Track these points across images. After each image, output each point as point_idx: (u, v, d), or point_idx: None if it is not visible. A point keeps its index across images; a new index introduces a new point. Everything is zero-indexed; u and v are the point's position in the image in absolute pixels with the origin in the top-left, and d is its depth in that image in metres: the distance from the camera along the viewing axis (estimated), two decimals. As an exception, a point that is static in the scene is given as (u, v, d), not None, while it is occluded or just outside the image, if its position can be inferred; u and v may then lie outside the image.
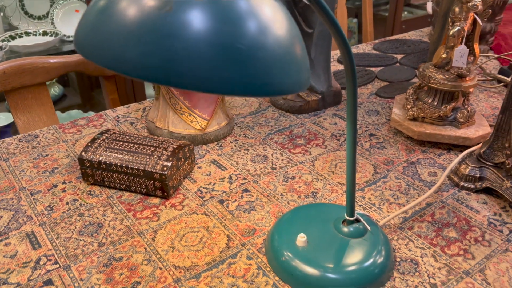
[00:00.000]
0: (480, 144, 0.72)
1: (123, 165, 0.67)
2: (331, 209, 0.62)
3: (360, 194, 0.69)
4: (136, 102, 0.98)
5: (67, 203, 0.68)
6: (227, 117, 0.85)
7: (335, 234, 0.57)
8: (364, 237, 0.57)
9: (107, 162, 0.68)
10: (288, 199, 0.68)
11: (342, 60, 0.46)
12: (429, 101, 0.81)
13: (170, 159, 0.67)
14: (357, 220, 0.58)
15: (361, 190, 0.70)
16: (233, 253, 0.58)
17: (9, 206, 0.67)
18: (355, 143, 0.52)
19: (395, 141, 0.83)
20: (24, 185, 0.72)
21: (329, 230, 0.57)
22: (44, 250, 0.59)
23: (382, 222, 0.62)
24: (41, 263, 0.57)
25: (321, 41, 0.89)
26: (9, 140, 0.84)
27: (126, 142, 0.70)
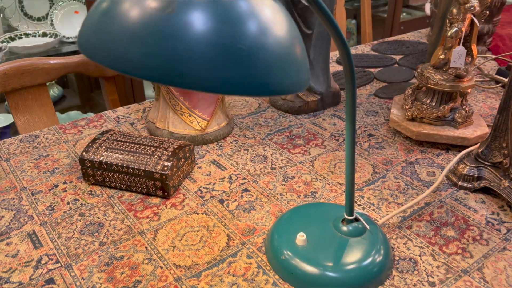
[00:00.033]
0: (478, 144, 0.73)
1: (124, 165, 0.68)
2: (330, 209, 0.63)
3: (359, 194, 0.70)
4: (136, 103, 0.98)
5: (68, 203, 0.68)
6: (227, 118, 0.86)
7: (335, 233, 0.57)
8: (363, 236, 0.57)
9: (108, 162, 0.68)
10: (288, 199, 0.69)
11: (341, 61, 0.46)
12: (428, 102, 0.81)
13: (171, 159, 0.67)
14: (356, 219, 0.58)
15: (360, 190, 0.71)
16: (233, 252, 0.59)
17: (11, 206, 0.67)
18: (354, 143, 0.53)
19: (394, 141, 0.84)
20: (25, 185, 0.72)
21: (329, 229, 0.58)
22: (46, 250, 0.60)
23: (381, 222, 0.62)
24: (43, 262, 0.58)
25: (320, 42, 0.90)
26: (10, 141, 0.84)
27: (127, 143, 0.71)
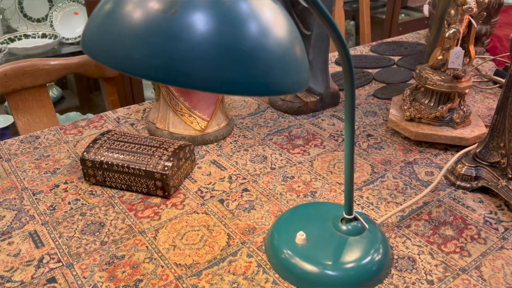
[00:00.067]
0: (476, 144, 0.73)
1: (125, 165, 0.68)
2: (330, 208, 0.63)
3: (358, 194, 0.70)
4: (136, 104, 0.99)
5: (69, 203, 0.68)
6: (227, 118, 0.86)
7: (334, 232, 0.58)
8: (362, 235, 0.58)
9: (109, 163, 0.69)
10: (287, 199, 0.69)
11: (340, 62, 0.47)
12: (426, 102, 0.82)
13: (171, 159, 0.68)
14: (355, 219, 0.59)
15: (359, 190, 0.71)
16: (234, 251, 0.59)
17: (12, 206, 0.68)
18: (353, 144, 0.53)
19: (393, 142, 0.84)
20: (26, 185, 0.72)
21: (328, 228, 0.58)
22: (47, 249, 0.60)
23: (380, 221, 0.63)
24: (44, 262, 0.58)
25: (319, 43, 0.91)
26: (11, 141, 0.85)
27: (128, 143, 0.71)
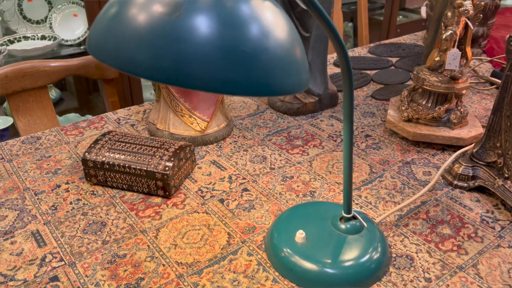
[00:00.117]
0: (473, 144, 0.74)
1: (126, 166, 0.69)
2: (329, 207, 0.64)
3: (357, 193, 0.71)
4: (136, 105, 0.99)
5: (71, 203, 0.69)
6: (226, 119, 0.87)
7: (333, 231, 0.59)
8: (361, 234, 0.58)
9: (110, 163, 0.69)
10: (287, 198, 0.70)
11: (339, 63, 0.48)
12: (423, 103, 0.83)
13: (172, 160, 0.69)
14: (354, 217, 0.59)
15: (358, 189, 0.72)
16: (234, 250, 0.60)
17: (14, 206, 0.69)
18: (352, 144, 0.54)
19: (391, 142, 0.85)
20: (28, 186, 0.73)
21: (327, 227, 0.59)
22: (50, 248, 0.61)
23: (378, 220, 0.64)
24: (47, 261, 0.59)
25: (318, 45, 0.92)
26: (12, 142, 0.85)
27: (129, 143, 0.72)
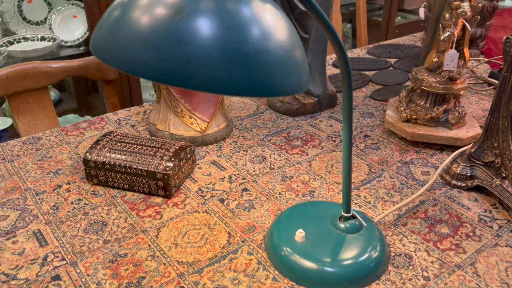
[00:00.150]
0: (471, 144, 0.75)
1: (127, 166, 0.69)
2: (328, 207, 0.65)
3: (356, 193, 0.72)
4: (136, 106, 1.00)
5: (72, 203, 0.70)
6: (226, 120, 0.88)
7: (332, 230, 0.59)
8: (360, 233, 0.59)
9: (111, 163, 0.70)
10: (286, 198, 0.71)
11: (338, 64, 0.48)
12: (422, 103, 0.83)
13: (172, 160, 0.69)
14: (353, 217, 0.60)
15: (357, 189, 0.73)
16: (234, 249, 0.61)
17: (16, 206, 0.69)
18: (351, 144, 0.55)
19: (389, 142, 0.86)
20: (29, 186, 0.74)
21: (326, 226, 0.60)
22: (51, 248, 0.61)
23: (377, 219, 0.64)
24: (49, 260, 0.59)
25: (317, 46, 0.92)
26: (13, 143, 0.86)
27: (129, 144, 0.73)
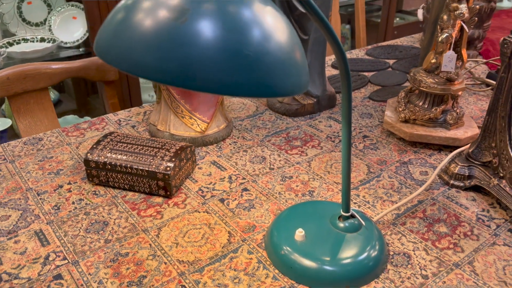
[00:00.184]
0: (469, 145, 0.76)
1: (128, 166, 0.70)
2: (327, 206, 0.65)
3: (355, 193, 0.72)
4: (136, 107, 1.00)
5: (73, 203, 0.70)
6: (226, 120, 0.88)
7: (332, 229, 0.60)
8: (359, 232, 0.60)
9: (112, 163, 0.70)
10: (286, 198, 0.71)
11: (337, 65, 0.49)
12: (420, 104, 0.84)
13: (173, 160, 0.70)
14: (352, 216, 0.61)
15: (356, 189, 0.73)
16: (235, 248, 0.61)
17: (17, 206, 0.70)
18: (350, 144, 0.55)
19: (388, 142, 0.87)
20: (31, 186, 0.74)
21: (326, 226, 0.60)
22: (53, 247, 0.62)
23: (376, 218, 0.65)
24: (50, 259, 0.60)
25: (316, 47, 0.93)
26: (14, 143, 0.86)
27: (130, 144, 0.73)
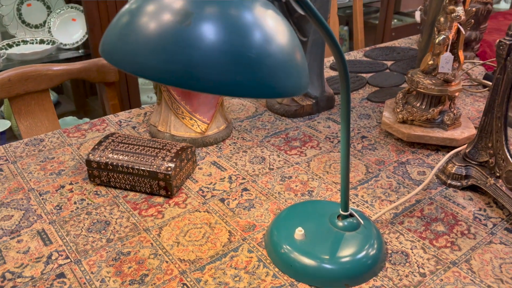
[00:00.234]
0: (466, 145, 0.77)
1: (129, 166, 0.71)
2: (326, 206, 0.66)
3: (353, 192, 0.73)
4: (136, 108, 1.01)
5: (75, 203, 0.71)
6: (226, 121, 0.89)
7: (331, 228, 0.61)
8: (358, 231, 0.60)
9: (114, 164, 0.71)
10: (286, 197, 0.72)
11: (336, 67, 0.50)
12: (418, 105, 0.85)
13: (174, 160, 0.71)
14: (351, 215, 0.61)
15: (354, 189, 0.74)
16: (235, 247, 0.62)
17: (19, 206, 0.70)
18: (349, 145, 0.56)
19: (386, 143, 0.88)
20: (33, 186, 0.75)
21: (325, 225, 0.61)
22: (55, 246, 0.62)
23: (374, 218, 0.66)
24: (53, 258, 0.60)
25: (315, 49, 0.94)
26: (16, 144, 0.87)
27: (131, 145, 0.74)
